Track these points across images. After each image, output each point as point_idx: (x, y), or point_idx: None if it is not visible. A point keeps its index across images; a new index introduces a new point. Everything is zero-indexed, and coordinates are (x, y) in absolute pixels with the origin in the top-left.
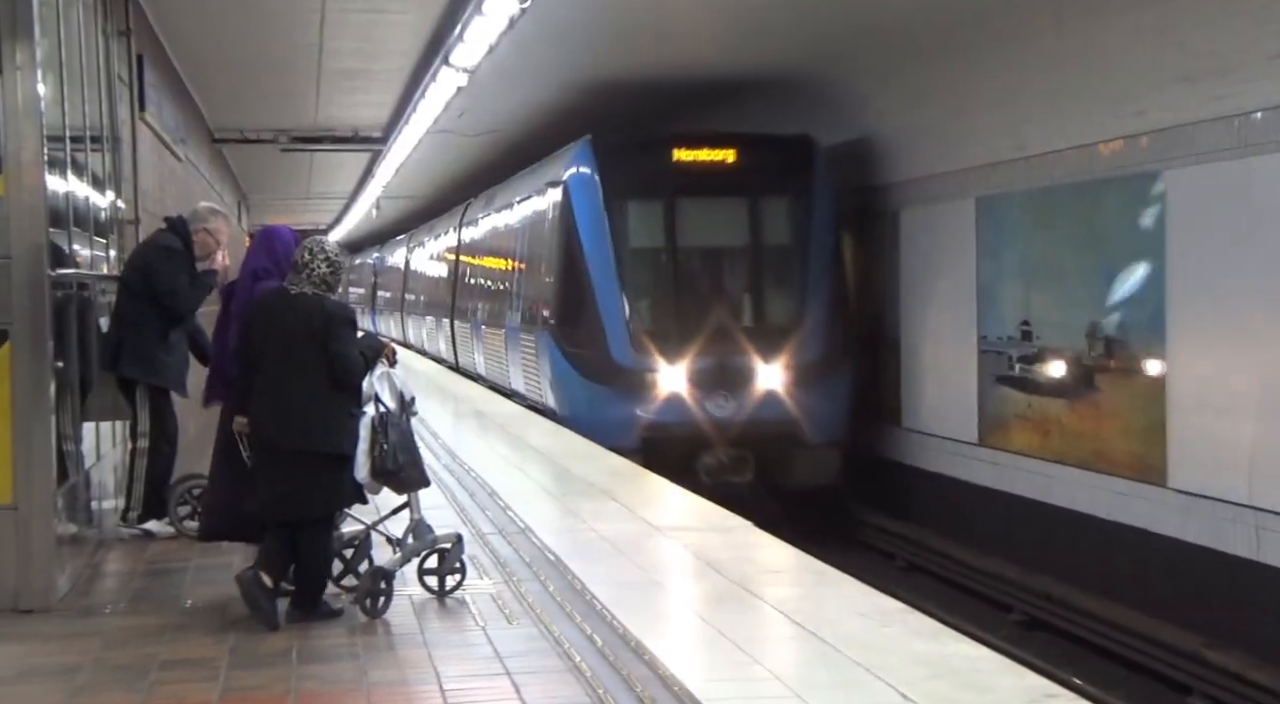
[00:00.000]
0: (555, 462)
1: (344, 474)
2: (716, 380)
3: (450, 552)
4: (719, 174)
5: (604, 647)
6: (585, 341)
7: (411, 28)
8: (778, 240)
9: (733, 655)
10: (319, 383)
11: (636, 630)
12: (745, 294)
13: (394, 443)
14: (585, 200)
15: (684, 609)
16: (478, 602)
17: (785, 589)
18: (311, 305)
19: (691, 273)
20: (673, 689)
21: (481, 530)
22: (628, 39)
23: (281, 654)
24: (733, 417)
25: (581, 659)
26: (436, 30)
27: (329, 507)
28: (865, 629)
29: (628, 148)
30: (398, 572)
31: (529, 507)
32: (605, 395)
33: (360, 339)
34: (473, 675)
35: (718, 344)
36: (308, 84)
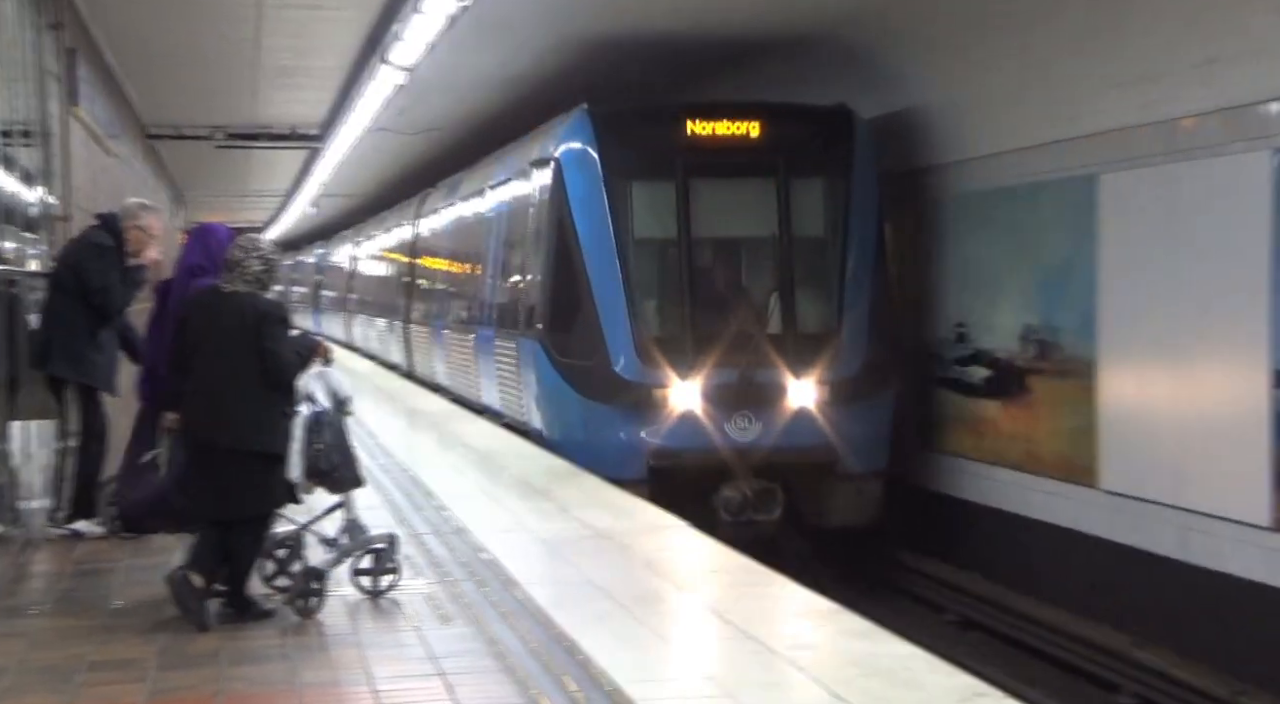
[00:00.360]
0: (493, 460)
1: (277, 474)
2: (738, 398)
3: (385, 552)
4: (741, 151)
5: (538, 647)
6: (581, 350)
7: (349, 24)
8: (812, 230)
9: (666, 655)
10: (252, 382)
11: (570, 630)
12: (773, 295)
13: (328, 442)
14: (582, 181)
15: (618, 609)
16: (412, 602)
17: (720, 589)
18: (245, 303)
19: (708, 269)
20: (605, 689)
21: (417, 530)
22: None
23: (211, 655)
24: (758, 442)
25: (515, 659)
26: (374, 27)
27: (262, 507)
28: (799, 629)
29: (633, 119)
30: (331, 572)
31: (465, 506)
32: (605, 415)
33: (294, 338)
34: (405, 676)
35: (740, 355)
36: (244, 80)
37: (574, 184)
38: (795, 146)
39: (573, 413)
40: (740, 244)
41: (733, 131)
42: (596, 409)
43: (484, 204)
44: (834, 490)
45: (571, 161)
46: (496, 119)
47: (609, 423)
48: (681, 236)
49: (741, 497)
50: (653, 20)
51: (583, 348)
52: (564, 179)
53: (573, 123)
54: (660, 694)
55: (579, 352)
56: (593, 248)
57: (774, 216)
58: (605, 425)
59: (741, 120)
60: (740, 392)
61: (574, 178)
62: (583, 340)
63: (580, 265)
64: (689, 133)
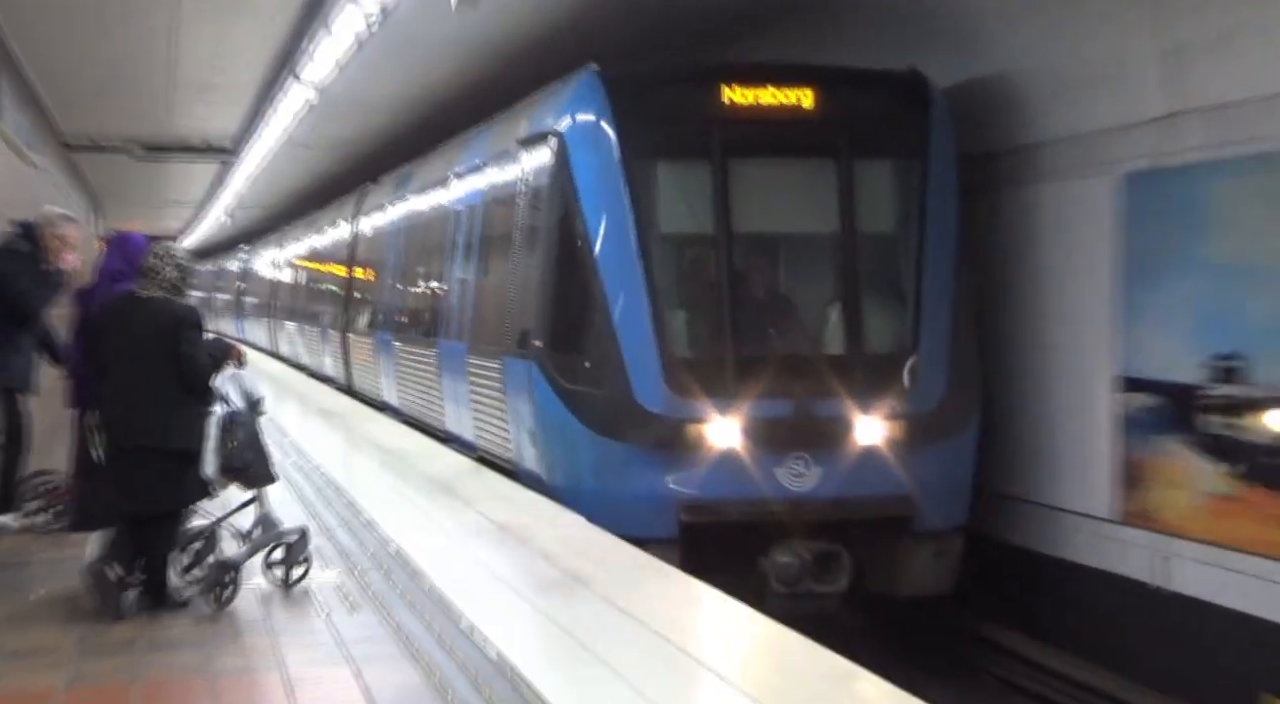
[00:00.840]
0: (402, 459)
1: (192, 470)
2: (793, 436)
3: (296, 544)
4: (793, 125)
5: (442, 634)
6: (592, 375)
7: (260, 40)
8: (881, 225)
9: (564, 642)
10: (168, 384)
11: (473, 618)
12: (833, 306)
13: (241, 441)
14: (592, 162)
15: (518, 598)
16: (322, 592)
17: (612, 579)
18: (161, 309)
19: (754, 272)
20: (506, 675)
21: (327, 524)
22: None
23: (128, 643)
24: (816, 491)
25: (420, 646)
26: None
27: (178, 502)
28: (687, 615)
29: (656, 84)
30: (244, 564)
31: (374, 501)
32: (624, 458)
33: (208, 342)
34: (315, 663)
35: (794, 381)
36: (160, 94)
37: (582, 165)
38: (859, 120)
39: (582, 453)
40: (793, 241)
41: (781, 101)
42: (612, 449)
43: (446, 195)
44: (909, 552)
45: (579, 137)
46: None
47: (629, 467)
48: (721, 232)
49: (799, 563)
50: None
51: (595, 372)
52: (569, 159)
53: (579, 89)
54: (559, 679)
55: (590, 376)
56: (608, 245)
57: (835, 207)
58: (624, 470)
59: (792, 86)
60: (795, 428)
61: (582, 157)
62: (595, 362)
63: (591, 267)
64: (727, 102)
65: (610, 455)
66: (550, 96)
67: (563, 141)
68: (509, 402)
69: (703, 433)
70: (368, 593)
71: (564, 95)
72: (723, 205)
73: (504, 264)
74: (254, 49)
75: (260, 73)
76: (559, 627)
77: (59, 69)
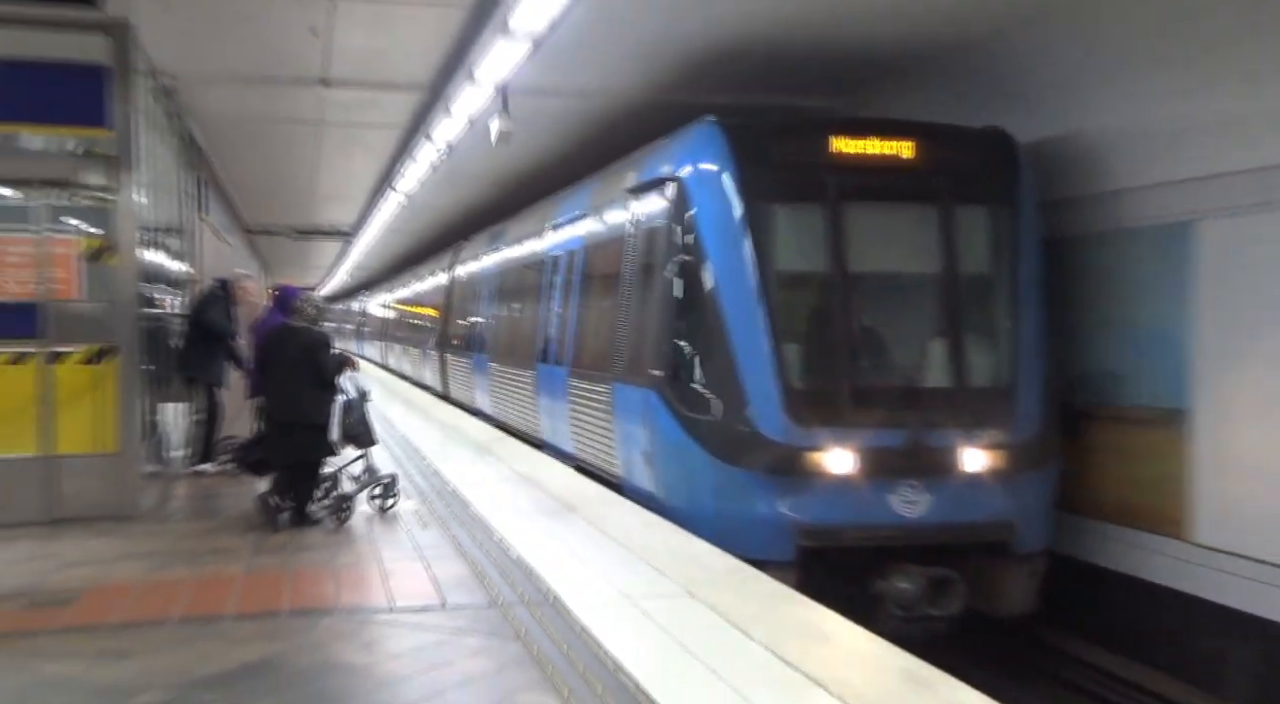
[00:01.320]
0: (458, 430)
1: (324, 437)
2: (904, 464)
3: (389, 484)
4: (896, 173)
5: (481, 542)
6: (713, 404)
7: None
8: (979, 266)
9: (559, 548)
10: (309, 381)
11: (501, 531)
12: (938, 341)
13: (354, 418)
14: (713, 204)
15: (529, 519)
16: (405, 515)
17: (593, 508)
18: (305, 334)
19: (866, 308)
20: (521, 567)
21: (409, 472)
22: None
23: (282, 547)
24: (928, 517)
25: (467, 549)
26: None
27: (315, 457)
28: (643, 532)
29: (771, 133)
30: (356, 496)
31: (439, 457)
32: (742, 483)
33: (334, 355)
34: (400, 559)
35: (904, 412)
36: (306, 199)
37: (704, 208)
38: (955, 170)
39: (702, 478)
40: (900, 280)
41: (884, 151)
42: (733, 475)
43: (540, 244)
44: (1009, 573)
45: (699, 182)
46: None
47: (748, 492)
48: (835, 270)
49: (916, 588)
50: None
51: (715, 400)
52: (689, 202)
53: (698, 138)
54: (558, 572)
55: (711, 405)
56: (729, 282)
57: (937, 249)
58: (743, 495)
59: (893, 138)
60: (907, 456)
61: (704, 200)
62: (716, 391)
63: (714, 303)
64: (835, 151)
65: (730, 480)
66: (665, 147)
67: (683, 186)
68: (618, 423)
69: (820, 460)
70: (434, 516)
71: (683, 144)
72: (836, 246)
73: (608, 300)
74: (367, 172)
75: (370, 185)
76: (554, 537)
77: (244, 183)
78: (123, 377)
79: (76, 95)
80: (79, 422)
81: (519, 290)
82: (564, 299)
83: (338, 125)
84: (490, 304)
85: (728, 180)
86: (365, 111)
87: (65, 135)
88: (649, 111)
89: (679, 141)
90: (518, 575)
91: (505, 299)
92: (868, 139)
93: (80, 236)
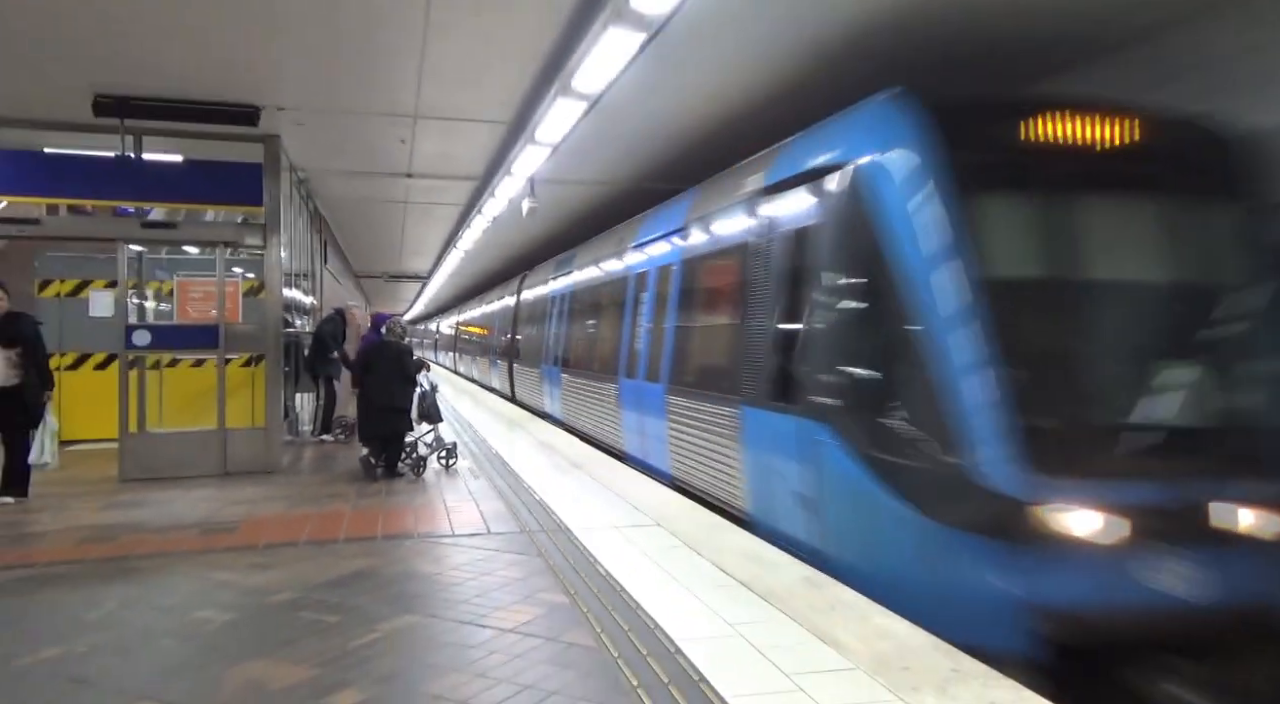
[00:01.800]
0: (500, 412)
1: (407, 417)
2: (1178, 528)
3: (453, 449)
4: (1122, 161)
5: (514, 488)
6: (915, 444)
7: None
8: (1231, 275)
9: (568, 493)
10: (397, 378)
11: (529, 482)
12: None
13: (429, 403)
14: (906, 195)
15: (546, 475)
16: (463, 471)
17: (593, 467)
18: (395, 346)
19: (1112, 327)
20: (543, 506)
21: (466, 441)
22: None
23: (378, 492)
24: (1211, 598)
25: (505, 493)
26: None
27: (401, 430)
28: (629, 483)
29: (973, 113)
30: (428, 458)
31: (485, 431)
32: (959, 547)
33: (415, 360)
34: (458, 500)
35: (1178, 458)
36: (396, 252)
37: (893, 199)
38: (1185, 162)
39: (897, 535)
40: (1158, 290)
41: (1104, 137)
42: (943, 536)
43: (618, 264)
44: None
45: (886, 168)
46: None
47: (964, 559)
48: (1075, 277)
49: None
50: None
51: (921, 440)
52: (872, 193)
53: (883, 114)
54: (569, 514)
55: (917, 446)
56: (932, 291)
57: (1186, 253)
58: (957, 562)
59: (1112, 121)
60: (1181, 518)
61: (892, 190)
62: (922, 429)
63: (909, 316)
64: (1050, 136)
65: (938, 542)
66: (823, 134)
67: (860, 174)
68: (750, 454)
69: (1064, 521)
70: (482, 470)
71: (859, 125)
72: (1075, 248)
73: (723, 314)
74: (437, 232)
75: (439, 243)
76: (565, 486)
77: (352, 242)
78: (269, 375)
79: (241, 184)
80: (240, 406)
81: (594, 307)
82: (655, 314)
83: (417, 204)
84: (559, 321)
85: (926, 166)
86: (436, 195)
87: (234, 211)
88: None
89: (849, 124)
90: (539, 511)
91: (577, 316)
92: (1083, 121)
93: (243, 279)
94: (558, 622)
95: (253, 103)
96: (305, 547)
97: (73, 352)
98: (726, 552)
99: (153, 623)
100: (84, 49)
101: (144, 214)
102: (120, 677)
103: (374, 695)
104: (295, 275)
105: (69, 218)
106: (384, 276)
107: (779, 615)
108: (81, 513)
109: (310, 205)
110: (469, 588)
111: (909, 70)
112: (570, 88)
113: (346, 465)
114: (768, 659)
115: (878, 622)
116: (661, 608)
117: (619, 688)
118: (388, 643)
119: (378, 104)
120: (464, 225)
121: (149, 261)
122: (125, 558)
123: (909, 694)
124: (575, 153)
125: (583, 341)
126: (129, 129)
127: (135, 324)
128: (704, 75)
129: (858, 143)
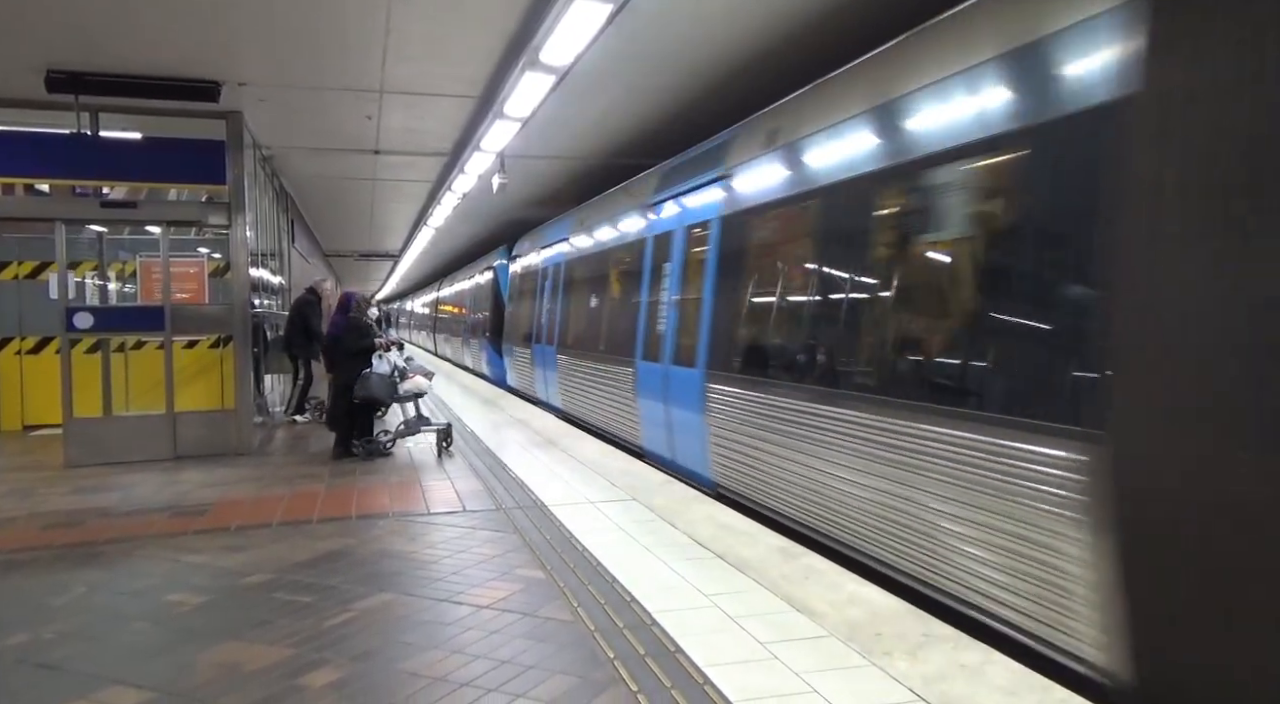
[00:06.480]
0: (475, 392)
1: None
2: None
3: (446, 432)
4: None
5: (490, 467)
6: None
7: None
8: None
9: (543, 469)
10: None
11: (505, 459)
12: None
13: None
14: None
15: (522, 449)
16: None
17: (568, 440)
18: (358, 323)
19: None
20: (519, 483)
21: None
22: None
23: (351, 472)
24: None
25: (480, 471)
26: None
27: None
28: (603, 458)
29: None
30: (397, 440)
31: (460, 409)
32: None
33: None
34: (434, 479)
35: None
36: (365, 231)
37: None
38: None
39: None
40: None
41: None
42: None
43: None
44: None
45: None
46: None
47: None
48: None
49: None
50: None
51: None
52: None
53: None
54: (542, 486)
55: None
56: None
57: None
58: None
59: None
60: None
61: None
62: None
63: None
64: None
65: None
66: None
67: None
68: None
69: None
70: (459, 450)
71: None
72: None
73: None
74: (406, 213)
75: (409, 222)
76: (539, 462)
77: (320, 221)
78: (237, 356)
79: (204, 162)
80: (209, 387)
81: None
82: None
83: (386, 181)
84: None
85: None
86: (405, 171)
87: (197, 190)
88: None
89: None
90: (516, 488)
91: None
92: None
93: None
94: (534, 597)
95: (213, 78)
96: (278, 528)
97: (33, 335)
98: (700, 523)
99: (123, 607)
100: (35, 22)
101: (102, 195)
102: (91, 662)
103: (350, 674)
104: (263, 255)
105: (24, 198)
106: (354, 255)
107: (753, 585)
108: (46, 498)
109: (276, 183)
110: (445, 566)
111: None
112: (538, 61)
113: (320, 446)
114: (742, 628)
115: (850, 589)
116: (637, 581)
117: (596, 660)
118: (363, 622)
119: (343, 78)
120: (434, 202)
121: (112, 243)
122: (93, 543)
123: (881, 659)
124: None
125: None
126: (84, 106)
127: (76, 306)
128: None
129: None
